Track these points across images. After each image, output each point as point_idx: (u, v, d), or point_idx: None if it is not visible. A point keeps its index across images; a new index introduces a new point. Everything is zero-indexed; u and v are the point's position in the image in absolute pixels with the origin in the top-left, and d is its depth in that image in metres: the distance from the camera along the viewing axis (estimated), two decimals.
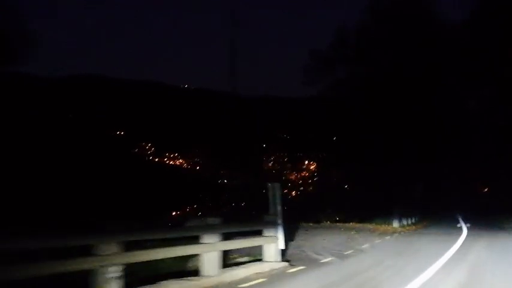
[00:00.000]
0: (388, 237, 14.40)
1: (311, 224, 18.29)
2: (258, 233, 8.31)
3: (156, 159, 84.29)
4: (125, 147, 75.06)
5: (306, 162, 70.94)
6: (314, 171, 66.26)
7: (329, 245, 11.63)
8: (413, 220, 23.27)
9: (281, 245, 8.41)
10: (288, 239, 12.34)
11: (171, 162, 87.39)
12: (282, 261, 8.39)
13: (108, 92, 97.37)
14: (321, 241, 12.39)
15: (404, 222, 20.39)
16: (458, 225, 22.73)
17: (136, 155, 76.94)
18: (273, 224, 8.30)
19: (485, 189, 72.18)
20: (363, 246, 11.46)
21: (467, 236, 15.66)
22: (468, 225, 23.13)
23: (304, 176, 70.07)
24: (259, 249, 8.19)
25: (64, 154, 49.08)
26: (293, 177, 70.25)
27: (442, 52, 35.72)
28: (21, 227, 9.65)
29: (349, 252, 10.32)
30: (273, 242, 8.24)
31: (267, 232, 8.30)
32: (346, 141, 44.42)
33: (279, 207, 8.52)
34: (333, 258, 9.31)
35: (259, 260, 8.21)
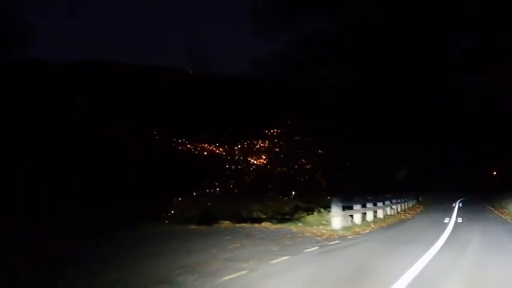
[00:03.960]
0: (278, 261, 7.37)
1: (192, 227, 11.47)
2: None
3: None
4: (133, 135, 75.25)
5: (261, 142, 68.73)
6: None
7: None
8: (382, 214, 16.34)
9: None
10: None
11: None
12: None
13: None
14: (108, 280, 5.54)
15: (357, 220, 13.36)
16: (446, 220, 16.06)
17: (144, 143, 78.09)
18: None
19: (494, 173, 65.91)
20: None
21: (447, 243, 8.88)
22: (460, 220, 16.63)
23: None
24: None
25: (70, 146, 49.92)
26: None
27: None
28: None
29: None
30: None
31: None
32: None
33: None
34: None
35: None
